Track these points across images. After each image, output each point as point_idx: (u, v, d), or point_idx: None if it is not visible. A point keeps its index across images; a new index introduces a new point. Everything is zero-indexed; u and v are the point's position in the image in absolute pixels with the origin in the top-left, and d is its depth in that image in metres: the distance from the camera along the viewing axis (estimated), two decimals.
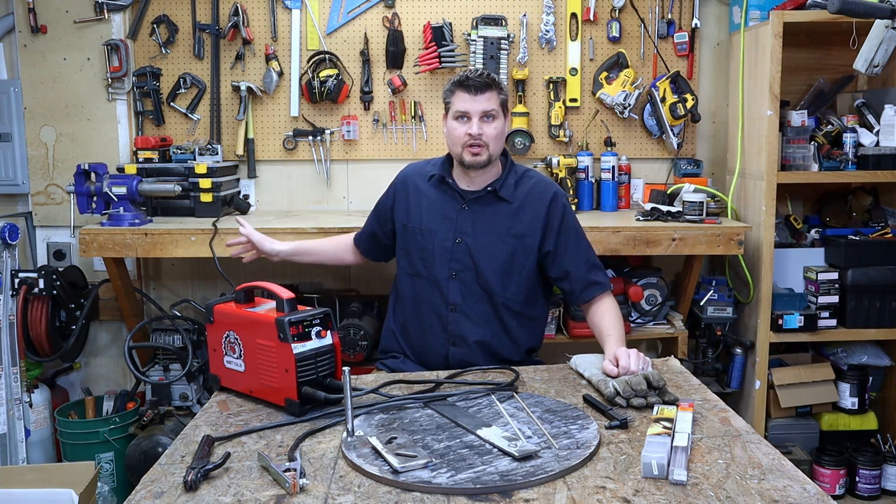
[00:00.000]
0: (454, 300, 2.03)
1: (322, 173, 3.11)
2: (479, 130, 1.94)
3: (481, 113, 1.94)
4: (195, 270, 3.16)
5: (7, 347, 2.71)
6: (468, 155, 1.97)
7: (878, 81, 3.01)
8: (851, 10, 2.14)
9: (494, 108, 1.95)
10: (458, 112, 1.96)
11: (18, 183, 3.06)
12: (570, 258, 2.03)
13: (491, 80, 1.96)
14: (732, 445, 1.38)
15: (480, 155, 1.96)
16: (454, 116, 1.98)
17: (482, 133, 1.94)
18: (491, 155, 1.97)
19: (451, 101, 1.99)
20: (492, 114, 1.95)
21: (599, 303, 2.03)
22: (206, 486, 1.27)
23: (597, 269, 2.06)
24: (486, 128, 1.95)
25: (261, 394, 1.63)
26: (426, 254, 2.05)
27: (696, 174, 3.05)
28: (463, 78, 1.97)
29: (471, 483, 1.22)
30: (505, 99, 2.00)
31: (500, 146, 2.01)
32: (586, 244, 2.07)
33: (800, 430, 2.91)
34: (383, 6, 3.02)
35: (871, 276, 2.76)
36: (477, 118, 1.94)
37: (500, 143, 2.00)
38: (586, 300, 2.04)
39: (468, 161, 1.97)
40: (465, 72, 1.99)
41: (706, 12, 3.08)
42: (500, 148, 2.01)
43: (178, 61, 3.05)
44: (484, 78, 1.95)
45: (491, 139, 1.95)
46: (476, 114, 1.94)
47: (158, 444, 2.57)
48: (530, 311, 2.09)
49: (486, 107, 1.94)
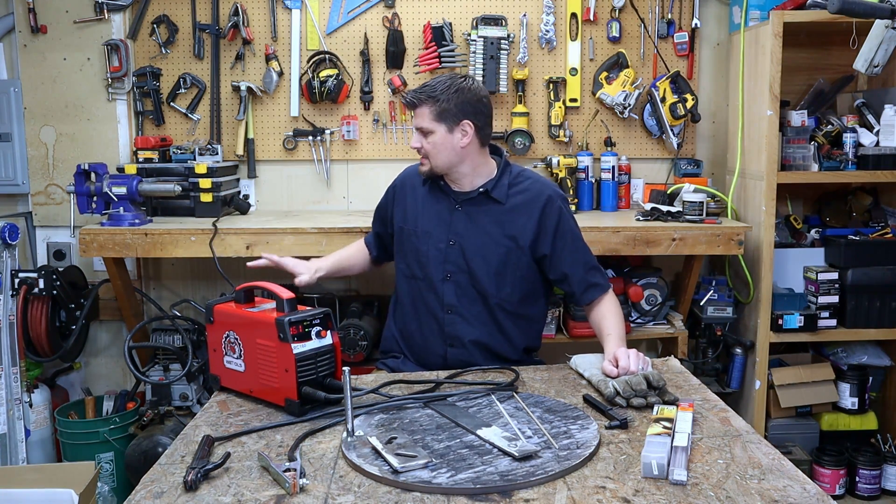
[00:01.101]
0: (449, 302, 2.04)
1: (322, 173, 3.11)
2: (416, 144, 2.02)
3: (416, 128, 2.01)
4: (195, 270, 3.16)
5: (7, 347, 2.71)
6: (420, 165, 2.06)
7: (878, 81, 3.00)
8: (851, 10, 2.13)
9: (424, 124, 1.98)
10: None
11: (18, 183, 3.06)
12: (568, 261, 2.03)
13: (422, 95, 1.97)
14: (732, 445, 1.38)
15: (422, 165, 2.04)
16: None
17: (420, 147, 2.01)
18: (434, 167, 2.01)
19: None
20: (424, 129, 1.98)
21: (600, 303, 2.03)
22: (206, 486, 1.27)
23: (595, 270, 2.06)
24: (423, 141, 2.00)
25: (261, 394, 1.63)
26: (421, 256, 2.06)
27: (696, 174, 3.05)
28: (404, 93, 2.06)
29: (471, 483, 1.22)
30: (446, 109, 1.95)
31: (442, 157, 1.99)
32: (583, 246, 2.07)
33: (800, 430, 2.91)
34: (383, 6, 3.02)
35: (871, 276, 2.76)
36: (416, 132, 2.02)
37: (441, 154, 1.99)
38: (587, 302, 2.05)
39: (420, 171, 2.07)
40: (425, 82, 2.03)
41: (706, 12, 3.08)
42: (447, 159, 1.99)
43: (178, 61, 3.05)
44: (415, 94, 1.98)
45: (428, 153, 2.00)
46: (414, 128, 2.02)
47: (158, 444, 2.57)
48: (526, 311, 2.08)
49: (417, 123, 2.00)
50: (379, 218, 2.25)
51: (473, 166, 2.03)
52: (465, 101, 1.97)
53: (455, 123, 1.97)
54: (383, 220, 2.22)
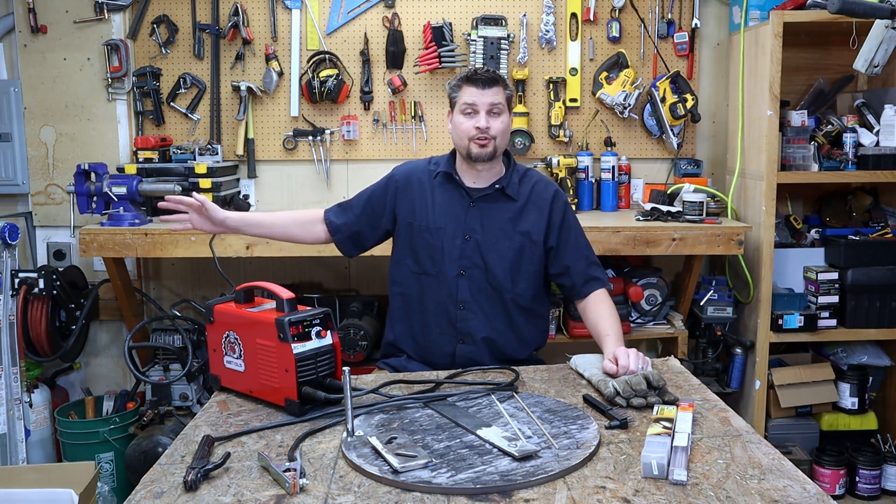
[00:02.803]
0: (463, 297, 2.03)
1: (322, 173, 3.11)
2: (486, 124, 1.97)
3: (489, 106, 1.98)
4: (195, 270, 3.16)
5: (7, 347, 2.71)
6: (475, 147, 1.98)
7: (878, 81, 3.00)
8: (851, 10, 2.13)
9: (501, 101, 1.99)
10: (465, 105, 1.99)
11: (18, 183, 3.06)
12: (571, 254, 2.05)
13: (497, 76, 2.01)
14: (732, 445, 1.38)
15: (487, 146, 1.98)
16: (461, 111, 2.00)
17: (489, 126, 1.97)
18: (496, 148, 2.00)
19: (457, 97, 2.02)
20: (498, 108, 1.99)
21: (597, 301, 2.03)
22: (206, 486, 1.27)
23: (596, 265, 2.09)
24: (492, 122, 1.98)
25: (261, 394, 1.63)
26: (435, 252, 2.04)
27: (696, 174, 3.05)
28: (471, 73, 2.01)
29: (471, 483, 1.22)
30: (510, 95, 2.04)
31: (505, 141, 2.03)
32: (585, 241, 2.11)
33: (800, 430, 2.91)
34: (383, 6, 3.02)
35: (871, 276, 2.76)
36: (484, 111, 1.98)
37: (505, 137, 2.03)
38: (586, 295, 2.05)
39: (475, 153, 1.99)
40: (470, 68, 2.02)
41: (706, 12, 3.08)
42: (505, 143, 2.04)
43: (178, 61, 3.05)
44: (491, 73, 2.00)
45: (498, 133, 1.99)
46: (484, 107, 1.98)
47: (158, 444, 2.57)
48: (538, 307, 2.11)
49: (493, 100, 1.98)
50: (369, 209, 2.11)
51: (499, 158, 2.07)
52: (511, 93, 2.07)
53: (511, 109, 2.07)
54: (375, 213, 2.10)
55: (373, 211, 2.11)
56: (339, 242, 2.14)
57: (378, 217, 2.11)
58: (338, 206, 2.16)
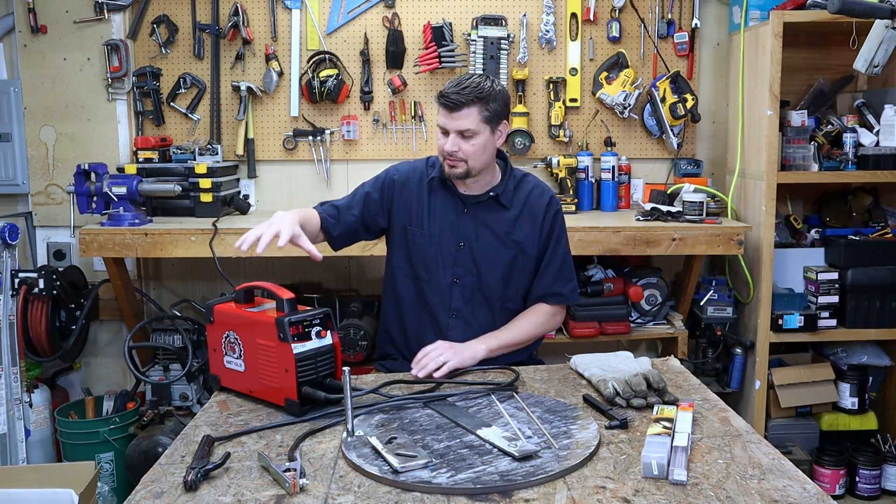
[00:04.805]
0: (456, 306, 2.01)
1: (322, 173, 3.11)
2: (453, 148, 1.89)
3: (456, 131, 1.89)
4: (195, 270, 3.16)
5: (7, 347, 2.71)
6: (446, 166, 1.94)
7: (878, 81, 3.01)
8: (851, 10, 2.14)
9: (470, 127, 1.87)
10: (438, 125, 1.93)
11: (18, 183, 3.06)
12: (546, 265, 2.03)
13: (473, 96, 1.86)
14: (732, 445, 1.38)
15: (456, 168, 1.92)
16: (438, 126, 1.94)
17: (458, 150, 1.89)
18: (470, 169, 1.92)
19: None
20: (467, 133, 1.88)
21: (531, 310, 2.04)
22: (206, 486, 1.27)
23: (564, 279, 2.05)
24: (462, 144, 1.88)
25: (261, 394, 1.63)
26: (428, 258, 2.01)
27: (696, 174, 3.05)
28: (443, 92, 1.89)
29: (471, 483, 1.22)
30: (494, 111, 1.89)
31: (482, 159, 1.93)
32: (565, 253, 2.06)
33: (800, 430, 2.91)
34: (383, 6, 3.02)
35: (871, 276, 2.76)
36: (453, 135, 1.90)
37: (482, 157, 1.92)
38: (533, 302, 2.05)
39: (446, 172, 1.96)
40: (448, 84, 1.91)
41: (706, 12, 3.08)
42: (485, 160, 1.94)
43: (178, 61, 3.05)
44: (463, 95, 1.86)
45: (468, 155, 1.90)
46: (452, 130, 1.90)
47: (158, 444, 2.57)
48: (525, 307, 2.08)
49: (460, 126, 1.87)
50: (365, 206, 2.05)
51: (492, 167, 2.01)
52: (505, 101, 1.93)
53: (497, 124, 1.93)
54: (372, 211, 2.05)
55: (371, 207, 2.06)
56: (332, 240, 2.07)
57: (376, 215, 2.06)
58: (330, 206, 2.08)
